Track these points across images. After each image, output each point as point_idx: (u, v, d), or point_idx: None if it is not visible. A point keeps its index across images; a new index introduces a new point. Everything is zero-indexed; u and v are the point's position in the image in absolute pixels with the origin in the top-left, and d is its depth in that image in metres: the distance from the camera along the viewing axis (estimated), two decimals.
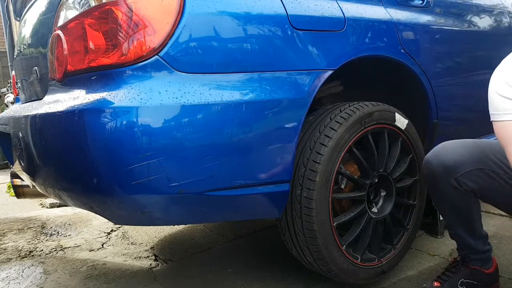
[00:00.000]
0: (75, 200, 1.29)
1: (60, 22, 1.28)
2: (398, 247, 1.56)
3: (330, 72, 1.33)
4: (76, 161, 1.12)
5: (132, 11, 1.07)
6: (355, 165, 1.49)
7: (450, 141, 1.29)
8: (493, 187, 1.22)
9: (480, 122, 1.70)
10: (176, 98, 1.07)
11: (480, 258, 1.37)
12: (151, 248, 2.09)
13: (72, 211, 2.85)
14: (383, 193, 1.54)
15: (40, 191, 1.56)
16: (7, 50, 5.42)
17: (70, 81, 1.23)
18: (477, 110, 1.73)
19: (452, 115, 1.81)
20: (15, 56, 2.02)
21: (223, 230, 2.26)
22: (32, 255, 2.09)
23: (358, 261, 1.43)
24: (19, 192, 2.05)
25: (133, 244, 2.16)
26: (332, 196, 1.35)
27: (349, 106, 1.41)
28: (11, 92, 4.39)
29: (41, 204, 3.21)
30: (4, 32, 5.34)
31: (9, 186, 3.71)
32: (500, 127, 1.08)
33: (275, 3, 1.24)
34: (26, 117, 1.33)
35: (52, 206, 3.06)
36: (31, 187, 1.80)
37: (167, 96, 1.07)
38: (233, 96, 1.14)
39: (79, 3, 1.21)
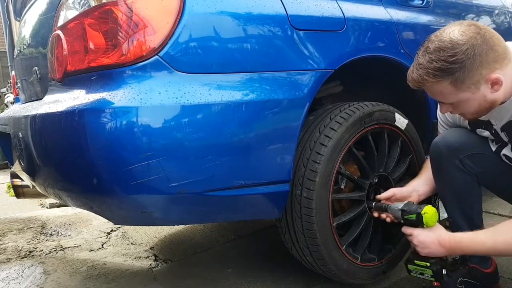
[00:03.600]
0: (75, 200, 1.29)
1: (60, 22, 1.28)
2: (398, 247, 1.56)
3: (330, 72, 1.33)
4: (76, 161, 1.12)
5: (132, 11, 1.07)
6: (355, 165, 1.49)
7: (458, 128, 1.36)
8: (493, 171, 1.29)
9: None
10: (176, 98, 1.07)
11: (480, 256, 1.36)
12: (151, 248, 2.09)
13: (72, 211, 2.85)
14: None
15: (40, 191, 1.57)
16: (7, 50, 5.43)
17: (70, 81, 1.23)
18: None
19: None
20: (15, 56, 2.02)
21: (223, 230, 2.26)
22: (32, 255, 2.09)
23: (358, 261, 1.43)
24: (19, 192, 2.05)
25: (133, 244, 2.16)
26: (332, 196, 1.35)
27: (349, 106, 1.41)
28: (11, 92, 4.39)
29: (41, 204, 3.21)
30: (4, 32, 5.34)
31: (9, 186, 3.71)
32: None
33: (275, 3, 1.24)
34: (26, 117, 1.33)
35: (52, 206, 3.06)
36: (31, 187, 1.81)
37: (167, 96, 1.07)
38: (233, 96, 1.14)
39: (79, 3, 1.21)
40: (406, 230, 1.27)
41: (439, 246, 1.20)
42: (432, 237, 1.21)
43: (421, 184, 1.41)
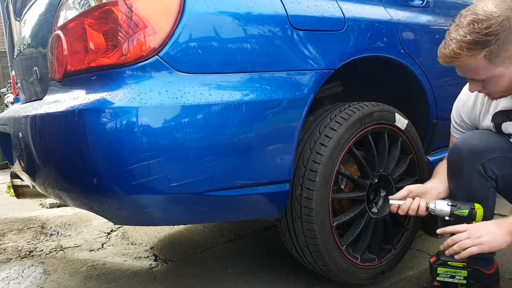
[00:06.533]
0: (75, 200, 1.29)
1: (60, 22, 1.28)
2: (398, 247, 1.56)
3: (330, 72, 1.33)
4: (76, 161, 1.12)
5: (132, 11, 1.07)
6: (355, 165, 1.49)
7: (479, 130, 1.34)
8: None
9: None
10: (176, 98, 1.07)
11: (482, 258, 1.36)
12: (151, 248, 2.09)
13: (72, 211, 2.85)
14: (383, 193, 1.54)
15: (40, 191, 1.56)
16: (7, 50, 5.43)
17: (70, 81, 1.23)
18: None
19: None
20: (15, 56, 2.02)
21: (223, 230, 2.26)
22: (32, 255, 2.09)
23: (358, 261, 1.43)
24: (19, 192, 2.05)
25: (133, 244, 2.16)
26: (332, 196, 1.35)
27: (349, 106, 1.41)
28: (11, 92, 4.39)
29: (41, 204, 3.21)
30: (4, 32, 5.34)
31: (9, 186, 3.71)
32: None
33: (275, 3, 1.24)
34: (26, 117, 1.33)
35: (52, 206, 3.06)
36: (31, 187, 1.80)
37: (167, 96, 1.07)
38: (233, 96, 1.14)
39: (79, 3, 1.21)
40: (458, 227, 1.18)
41: (502, 231, 1.12)
42: (487, 224, 1.16)
43: (439, 183, 1.38)
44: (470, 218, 1.22)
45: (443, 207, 1.27)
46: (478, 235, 1.13)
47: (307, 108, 1.27)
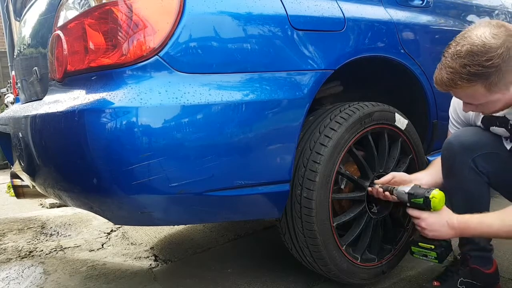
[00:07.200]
0: (75, 200, 1.29)
1: (60, 22, 1.28)
2: (398, 247, 1.56)
3: (330, 72, 1.33)
4: (76, 161, 1.12)
5: (132, 11, 1.07)
6: (355, 165, 1.49)
7: (472, 127, 1.37)
8: (507, 171, 1.28)
9: None
10: (176, 98, 1.07)
11: (481, 257, 1.37)
12: (151, 248, 2.09)
13: (72, 211, 2.85)
14: None
15: (40, 191, 1.57)
16: (7, 50, 5.42)
17: (70, 81, 1.23)
18: None
19: None
20: (15, 56, 2.02)
21: (223, 230, 2.26)
22: (32, 255, 2.09)
23: (358, 261, 1.43)
24: (19, 192, 2.05)
25: (133, 244, 2.16)
26: (332, 196, 1.35)
27: (349, 106, 1.41)
28: (11, 92, 4.39)
29: (41, 204, 3.21)
30: (4, 32, 5.34)
31: (9, 186, 3.71)
32: None
33: (275, 3, 1.24)
34: (26, 117, 1.33)
35: (52, 206, 3.06)
36: (31, 187, 1.80)
37: (167, 96, 1.07)
38: (233, 96, 1.14)
39: (79, 3, 1.21)
40: (413, 213, 1.26)
41: (449, 228, 1.20)
42: (441, 220, 1.21)
43: (425, 175, 1.41)
44: (425, 207, 1.23)
45: (401, 195, 1.30)
46: (428, 229, 1.22)
47: (307, 108, 1.27)
